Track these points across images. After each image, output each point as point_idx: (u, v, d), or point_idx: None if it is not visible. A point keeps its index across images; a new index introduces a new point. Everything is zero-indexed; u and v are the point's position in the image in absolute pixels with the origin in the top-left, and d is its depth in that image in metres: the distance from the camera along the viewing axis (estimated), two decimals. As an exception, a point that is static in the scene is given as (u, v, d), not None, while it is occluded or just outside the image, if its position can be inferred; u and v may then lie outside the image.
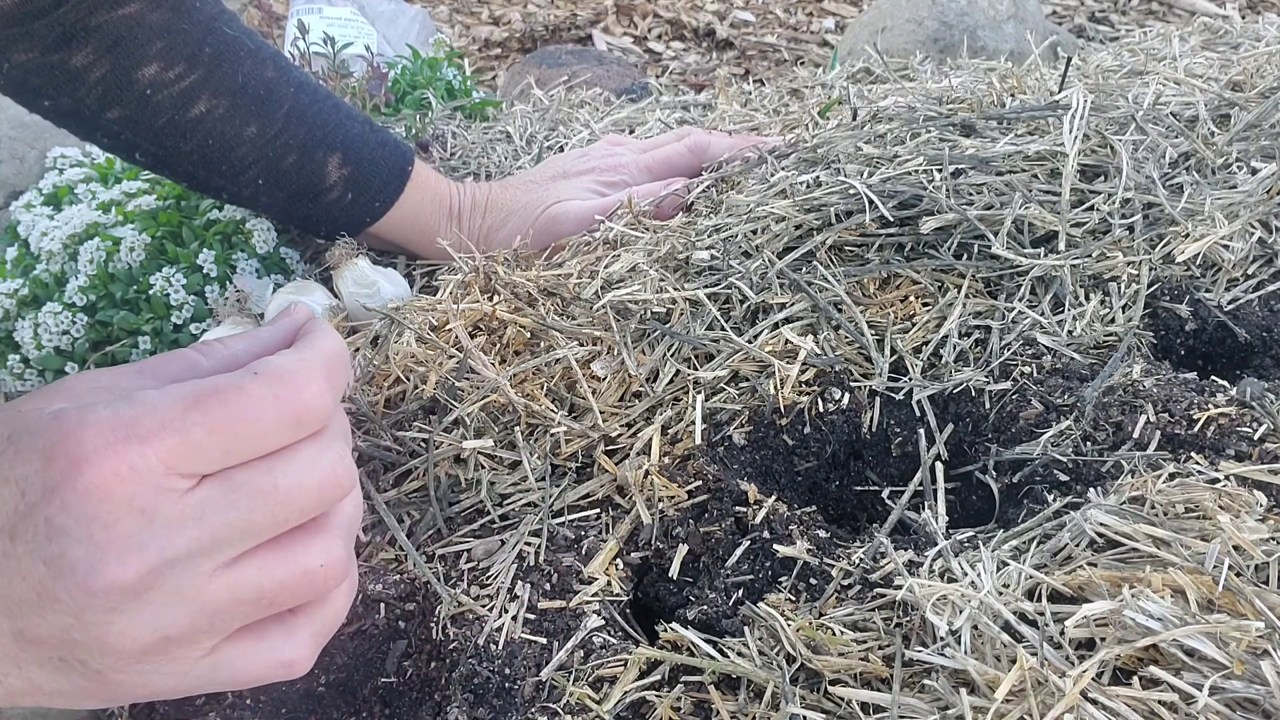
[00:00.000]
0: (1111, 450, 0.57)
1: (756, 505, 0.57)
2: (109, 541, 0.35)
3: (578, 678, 0.51)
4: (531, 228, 0.87)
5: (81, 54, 0.78)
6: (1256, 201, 0.72)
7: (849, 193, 0.72)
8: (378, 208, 0.89)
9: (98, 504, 0.35)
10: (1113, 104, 0.81)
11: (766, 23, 2.31)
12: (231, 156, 0.84)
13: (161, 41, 0.80)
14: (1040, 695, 0.42)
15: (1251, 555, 0.46)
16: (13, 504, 0.36)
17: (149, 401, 0.36)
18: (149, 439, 0.36)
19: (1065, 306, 0.67)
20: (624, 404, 0.65)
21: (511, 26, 2.33)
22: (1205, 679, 0.41)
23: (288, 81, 0.85)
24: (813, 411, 0.64)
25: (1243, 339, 0.68)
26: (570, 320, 0.72)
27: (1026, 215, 0.69)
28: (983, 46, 1.48)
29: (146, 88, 0.80)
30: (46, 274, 0.95)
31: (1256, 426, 0.56)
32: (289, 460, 0.38)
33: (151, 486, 0.36)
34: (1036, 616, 0.45)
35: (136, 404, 0.36)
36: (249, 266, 0.93)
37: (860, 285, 0.70)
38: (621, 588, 0.56)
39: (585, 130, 1.15)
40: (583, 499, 0.61)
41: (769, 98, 1.20)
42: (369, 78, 1.20)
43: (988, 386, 0.63)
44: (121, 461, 0.35)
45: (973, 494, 0.62)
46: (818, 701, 0.46)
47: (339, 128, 0.87)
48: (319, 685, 0.57)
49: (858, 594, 0.51)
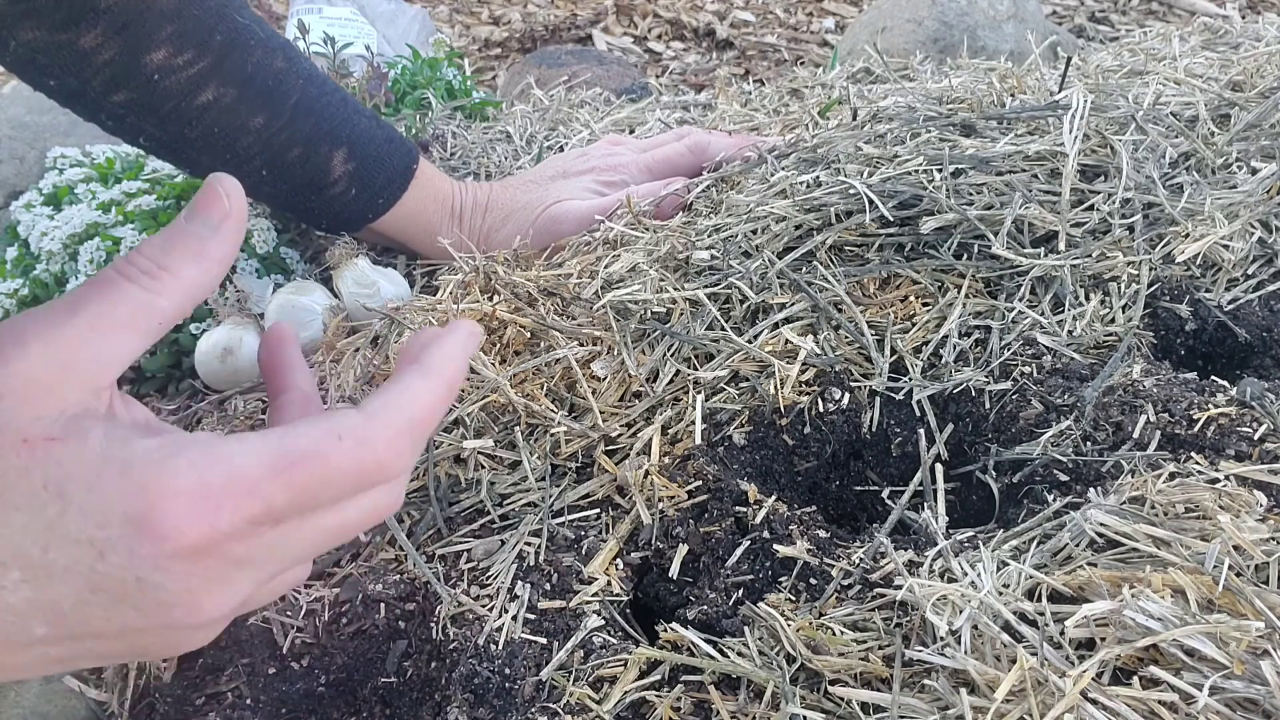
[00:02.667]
0: (1111, 450, 0.57)
1: (756, 505, 0.57)
2: (205, 589, 0.37)
3: (578, 678, 0.51)
4: (531, 227, 0.87)
5: (90, 35, 0.78)
6: (1256, 201, 0.72)
7: (849, 193, 0.72)
8: (381, 204, 0.89)
9: (192, 563, 0.37)
10: (1113, 104, 0.81)
11: (766, 23, 2.31)
12: (236, 146, 0.84)
13: (171, 26, 0.79)
14: (1040, 695, 0.42)
15: (1251, 555, 0.46)
16: (88, 562, 0.36)
17: (234, 463, 0.37)
18: (238, 506, 0.37)
19: (1065, 306, 0.67)
20: (624, 404, 0.65)
21: (511, 26, 2.33)
22: (1205, 679, 0.41)
23: (296, 73, 0.85)
24: (813, 411, 0.64)
25: (1243, 339, 0.68)
26: (570, 320, 0.72)
27: (1026, 215, 0.69)
28: (983, 46, 1.48)
29: (154, 72, 0.80)
30: (46, 274, 0.95)
31: (1256, 426, 0.56)
32: (357, 503, 0.41)
33: (239, 541, 0.37)
34: (1036, 616, 0.45)
35: (220, 464, 0.37)
36: (249, 266, 0.93)
37: (860, 285, 0.70)
38: (621, 588, 0.56)
39: (585, 130, 1.15)
40: (583, 499, 0.61)
41: (769, 98, 1.20)
42: (369, 78, 1.20)
43: (988, 386, 0.63)
44: (213, 529, 0.36)
45: (973, 494, 0.62)
46: (818, 701, 0.46)
47: (346, 122, 0.87)
48: (319, 685, 0.57)
49: (858, 594, 0.51)
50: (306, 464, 0.38)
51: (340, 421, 0.39)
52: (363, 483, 0.40)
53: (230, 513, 0.37)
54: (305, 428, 0.39)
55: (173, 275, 0.40)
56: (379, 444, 0.39)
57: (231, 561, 0.37)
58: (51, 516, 0.36)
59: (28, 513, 0.36)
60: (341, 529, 0.40)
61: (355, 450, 0.39)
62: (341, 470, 0.39)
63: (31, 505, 0.36)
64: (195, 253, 0.41)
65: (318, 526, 0.40)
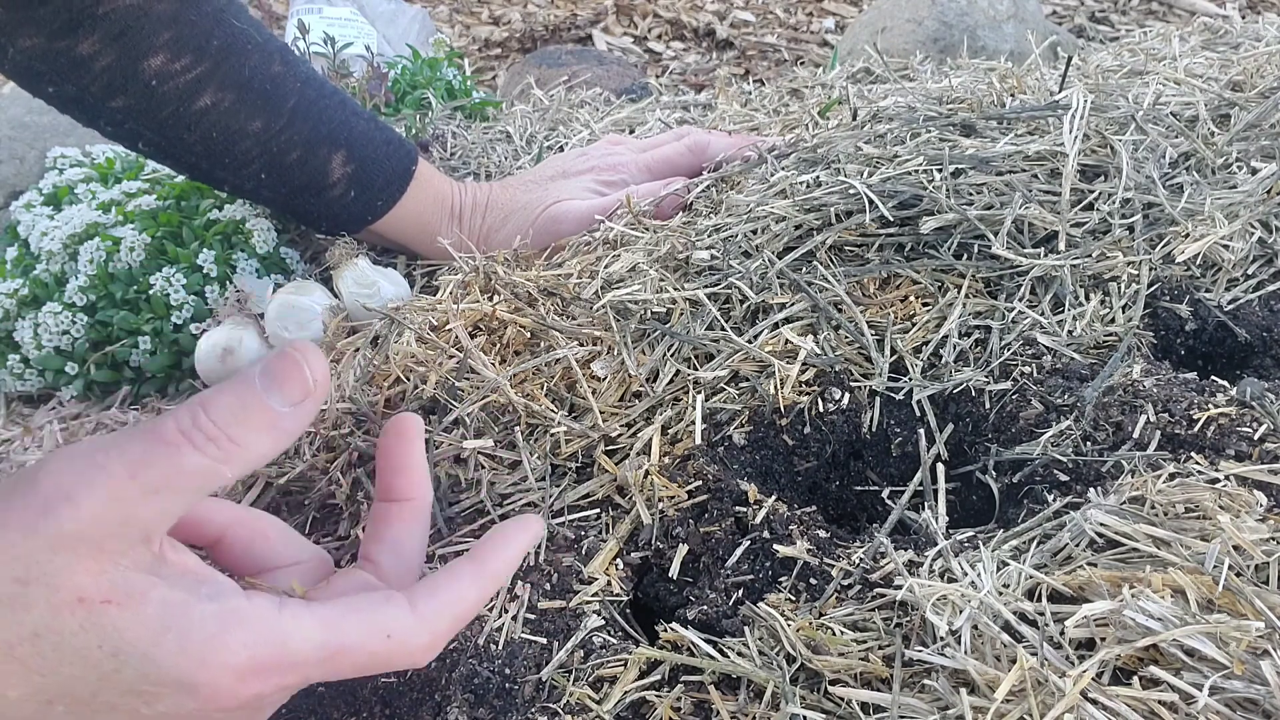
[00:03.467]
0: (1111, 450, 0.57)
1: (756, 505, 0.57)
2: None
3: (578, 678, 0.51)
4: (531, 227, 0.87)
5: (88, 42, 0.78)
6: (1256, 201, 0.72)
7: (849, 193, 0.72)
8: (380, 206, 0.89)
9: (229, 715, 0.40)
10: (1113, 104, 0.81)
11: (766, 23, 2.31)
12: (235, 150, 0.84)
13: (169, 32, 0.80)
14: (1040, 695, 0.42)
15: (1251, 555, 0.46)
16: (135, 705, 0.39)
17: (288, 646, 0.40)
18: (283, 679, 0.40)
19: (1065, 306, 0.67)
20: (624, 404, 0.65)
21: (511, 26, 2.33)
22: (1205, 679, 0.41)
23: (294, 76, 0.85)
24: (813, 411, 0.64)
25: (1243, 339, 0.68)
26: (570, 320, 0.72)
27: (1026, 215, 0.69)
28: (983, 46, 1.48)
29: (152, 78, 0.80)
30: (46, 274, 0.95)
31: (1256, 426, 0.56)
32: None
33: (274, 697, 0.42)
34: (1036, 616, 0.45)
35: (274, 644, 0.40)
36: (249, 266, 0.93)
37: (860, 285, 0.70)
38: (621, 588, 0.56)
39: (585, 130, 1.15)
40: (583, 499, 0.61)
41: (769, 98, 1.20)
42: (369, 78, 1.20)
43: (988, 386, 0.63)
44: (258, 697, 0.40)
45: (973, 494, 0.62)
46: (818, 701, 0.46)
47: (344, 124, 0.87)
48: (319, 685, 0.57)
49: (858, 594, 0.51)
50: (350, 655, 0.41)
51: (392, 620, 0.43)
52: (391, 668, 0.44)
53: (276, 684, 0.40)
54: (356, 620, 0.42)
55: (243, 449, 0.39)
56: (420, 649, 0.43)
57: (263, 709, 0.42)
58: (106, 672, 0.37)
59: (80, 667, 0.37)
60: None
61: (398, 649, 0.43)
62: (379, 662, 0.43)
63: (84, 662, 0.37)
64: (269, 426, 0.40)
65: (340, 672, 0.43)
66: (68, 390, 0.93)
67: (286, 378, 0.40)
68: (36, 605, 0.36)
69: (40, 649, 0.36)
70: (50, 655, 0.36)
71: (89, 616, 0.37)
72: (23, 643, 0.36)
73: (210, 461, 0.38)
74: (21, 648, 0.36)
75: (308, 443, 0.69)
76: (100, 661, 0.37)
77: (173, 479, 0.38)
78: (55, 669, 0.36)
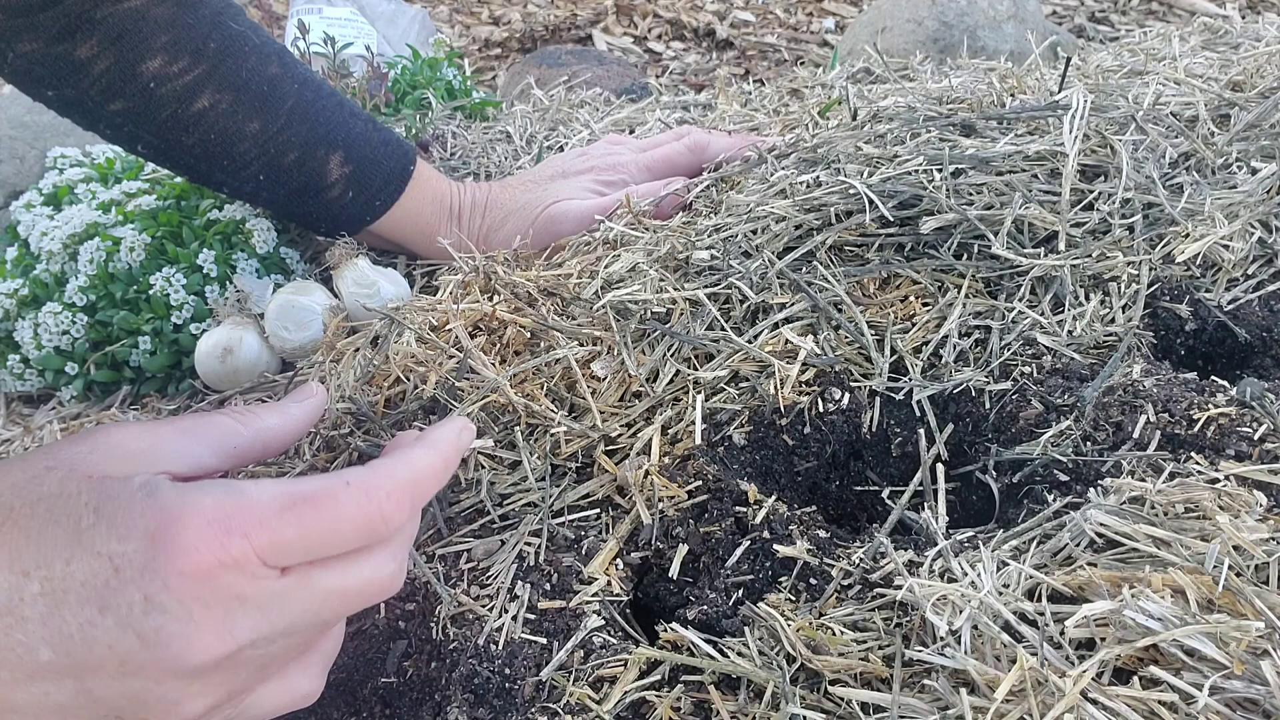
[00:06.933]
0: (1111, 450, 0.57)
1: (756, 505, 0.57)
2: (206, 620, 0.39)
3: (578, 678, 0.51)
4: (531, 227, 0.87)
5: (86, 46, 0.78)
6: (1256, 201, 0.72)
7: (849, 193, 0.72)
8: (378, 207, 0.89)
9: (199, 586, 0.39)
10: (1113, 104, 0.81)
11: (766, 23, 2.31)
12: (233, 152, 0.84)
13: (166, 35, 0.80)
14: (1040, 695, 0.42)
15: (1251, 555, 0.46)
16: (103, 577, 0.38)
17: (249, 496, 0.41)
18: (249, 533, 0.40)
19: (1065, 306, 0.67)
20: (624, 404, 0.65)
21: (511, 26, 2.33)
22: (1205, 679, 0.41)
23: (291, 78, 0.85)
24: (813, 411, 0.64)
25: (1243, 339, 0.68)
26: (570, 320, 0.72)
27: (1026, 215, 0.69)
28: (983, 46, 1.48)
29: (150, 81, 0.80)
30: (46, 274, 0.95)
31: (1256, 426, 0.56)
32: (359, 566, 0.44)
33: (246, 575, 0.40)
34: (1036, 616, 0.45)
35: (236, 495, 0.40)
36: (249, 266, 0.93)
37: (860, 285, 0.70)
38: (621, 588, 0.56)
39: (585, 130, 1.15)
40: (583, 499, 0.61)
41: (769, 98, 1.20)
42: (369, 78, 1.20)
43: (988, 386, 0.63)
44: (224, 551, 0.39)
45: (973, 494, 0.62)
46: (818, 701, 0.46)
47: (342, 125, 0.87)
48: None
49: (858, 594, 0.51)
50: (314, 503, 0.41)
51: (349, 472, 0.43)
52: (365, 532, 0.43)
53: (240, 539, 0.39)
54: (316, 476, 0.43)
55: (257, 416, 0.50)
56: (381, 493, 0.43)
57: (234, 596, 0.40)
58: (83, 527, 0.39)
59: (65, 525, 0.39)
60: (343, 595, 0.43)
61: (360, 495, 0.43)
62: (346, 514, 0.42)
63: (70, 517, 0.39)
64: (279, 409, 0.51)
65: (320, 587, 0.42)
66: (68, 390, 0.93)
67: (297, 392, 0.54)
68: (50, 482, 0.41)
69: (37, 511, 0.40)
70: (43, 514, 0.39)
71: (89, 483, 0.40)
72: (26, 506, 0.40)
73: (230, 420, 0.48)
74: (23, 510, 0.40)
75: (308, 443, 0.69)
76: (81, 516, 0.39)
77: (201, 428, 0.47)
78: (44, 530, 0.39)
